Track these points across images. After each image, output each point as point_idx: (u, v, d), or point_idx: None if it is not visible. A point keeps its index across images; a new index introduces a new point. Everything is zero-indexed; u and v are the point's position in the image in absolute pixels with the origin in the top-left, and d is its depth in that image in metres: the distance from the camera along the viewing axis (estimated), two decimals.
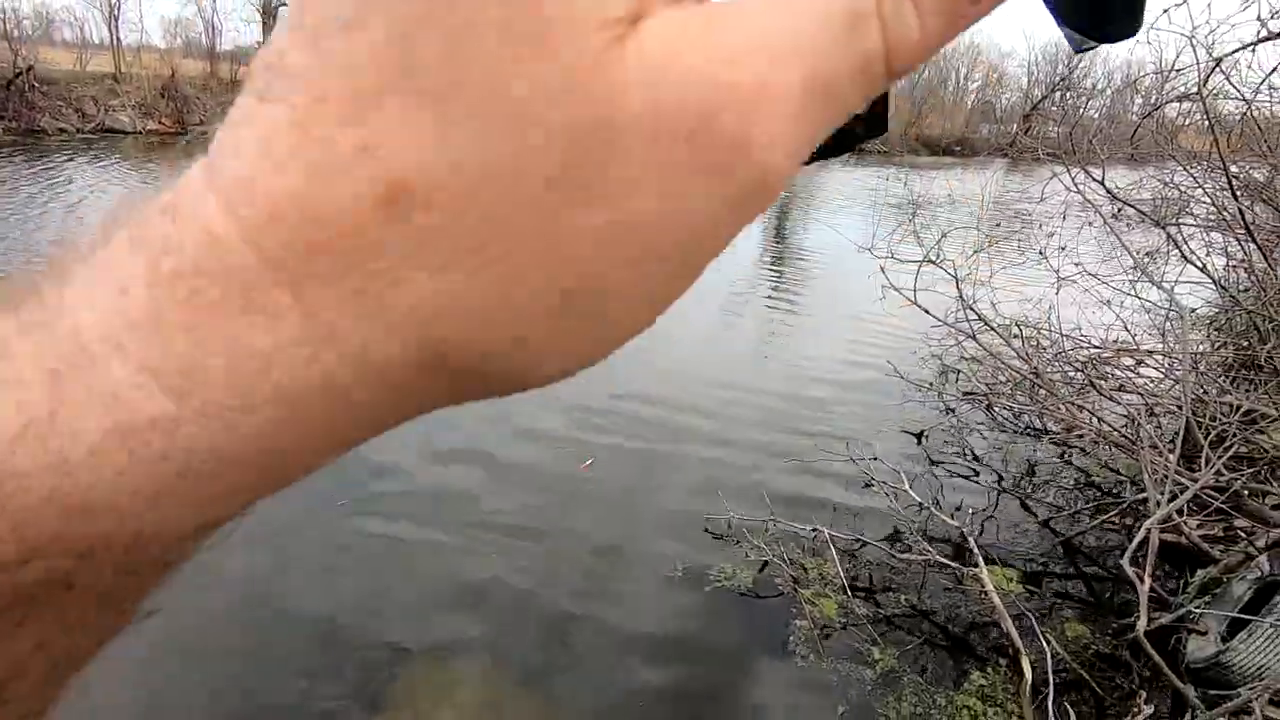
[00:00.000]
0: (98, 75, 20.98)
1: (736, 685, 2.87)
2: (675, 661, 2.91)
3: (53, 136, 18.34)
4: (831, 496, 4.19)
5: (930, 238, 5.01)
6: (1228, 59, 4.20)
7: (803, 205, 18.15)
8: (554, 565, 3.44)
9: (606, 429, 4.89)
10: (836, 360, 6.52)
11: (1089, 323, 5.26)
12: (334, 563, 3.33)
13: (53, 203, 10.71)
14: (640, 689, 2.80)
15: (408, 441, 4.46)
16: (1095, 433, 4.53)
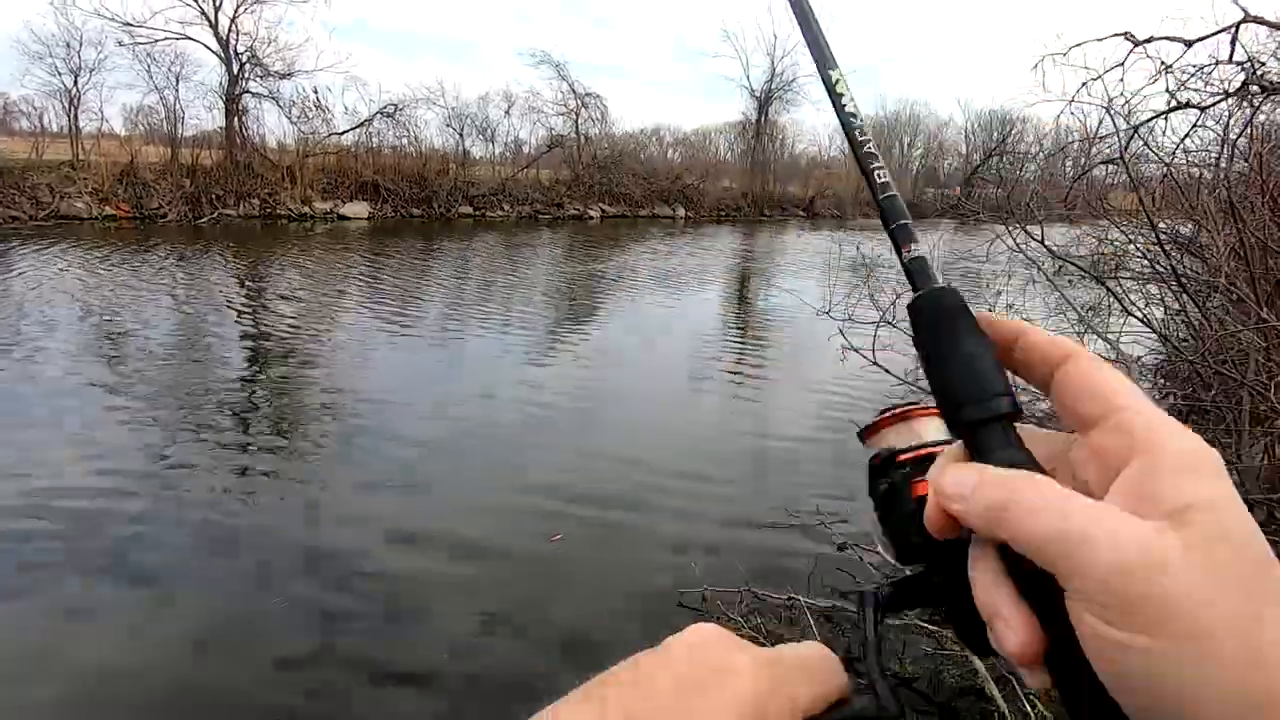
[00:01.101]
0: (54, 163, 20.90)
1: None
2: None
3: (5, 225, 18.06)
4: (806, 562, 4.12)
5: (885, 299, 5.15)
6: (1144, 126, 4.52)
7: (762, 271, 18.66)
8: (522, 647, 3.28)
9: (576, 500, 4.79)
10: (802, 422, 6.56)
11: None
12: (291, 644, 3.13)
13: (2, 285, 10.44)
14: None
15: (369, 518, 4.30)
16: None
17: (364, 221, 24.54)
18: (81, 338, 8.26)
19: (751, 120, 39.72)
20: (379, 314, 10.55)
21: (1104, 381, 0.30)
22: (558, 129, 32.43)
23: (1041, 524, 0.26)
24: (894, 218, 0.39)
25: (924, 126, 48.04)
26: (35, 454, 5.04)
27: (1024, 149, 41.88)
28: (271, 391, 6.85)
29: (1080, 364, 0.31)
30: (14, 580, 3.61)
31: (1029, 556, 0.27)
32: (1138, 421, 0.28)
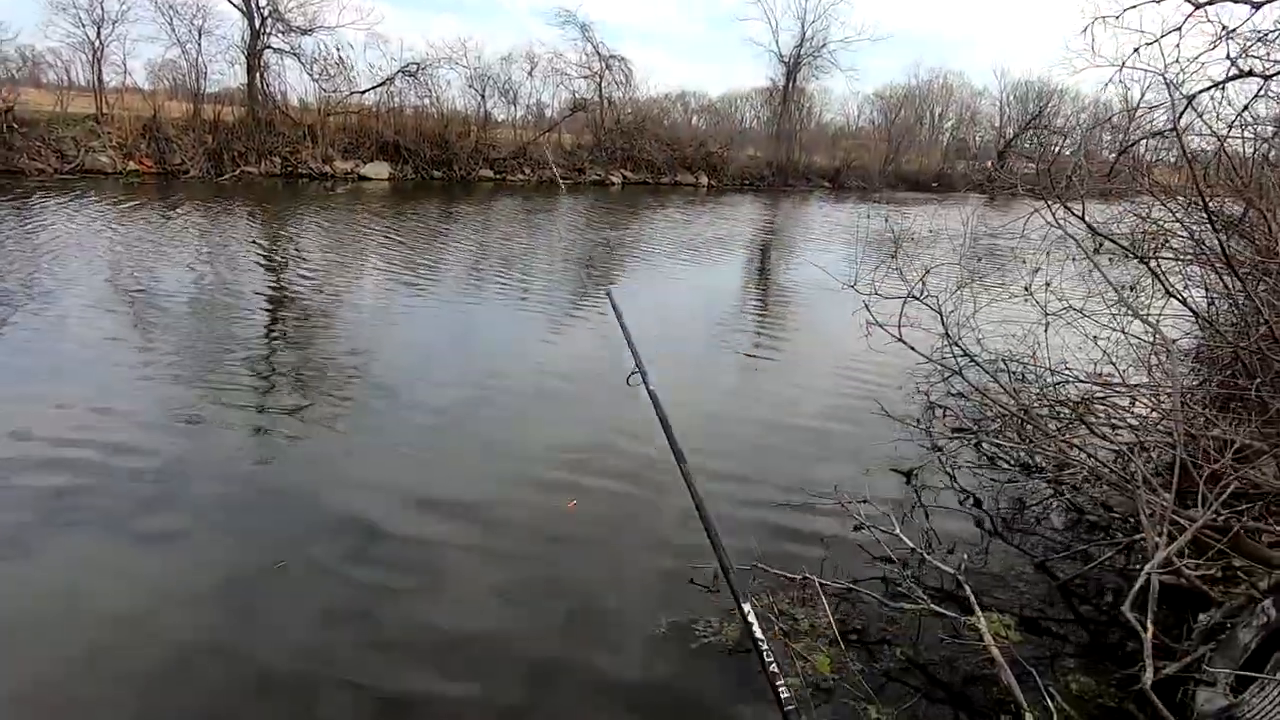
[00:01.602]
0: (79, 116, 20.94)
1: None
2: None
3: (31, 177, 18.18)
4: (821, 541, 4.04)
5: (913, 274, 4.97)
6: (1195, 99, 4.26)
7: (784, 243, 18.32)
8: (531, 620, 3.25)
9: (590, 469, 4.74)
10: (822, 399, 6.43)
11: (1075, 358, 5.22)
12: (303, 613, 3.13)
13: (28, 242, 10.51)
14: None
15: (386, 478, 4.29)
16: (1087, 470, 4.45)
17: (384, 183, 24.42)
18: (106, 292, 8.31)
19: (779, 87, 38.72)
20: (399, 277, 10.50)
21: None
22: (581, 92, 31.86)
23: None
24: None
25: (957, 97, 46.54)
26: (60, 406, 5.08)
27: (1061, 123, 40.57)
28: (292, 351, 6.85)
29: None
30: (38, 531, 3.65)
31: None
32: None
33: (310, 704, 2.73)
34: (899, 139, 42.22)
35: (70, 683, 2.76)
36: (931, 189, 40.07)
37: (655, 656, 3.06)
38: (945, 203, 28.81)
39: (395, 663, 2.95)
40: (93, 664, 2.86)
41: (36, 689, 2.72)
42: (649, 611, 3.29)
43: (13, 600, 3.19)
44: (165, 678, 2.80)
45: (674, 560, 3.71)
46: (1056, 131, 38.05)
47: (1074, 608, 3.64)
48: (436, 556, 3.69)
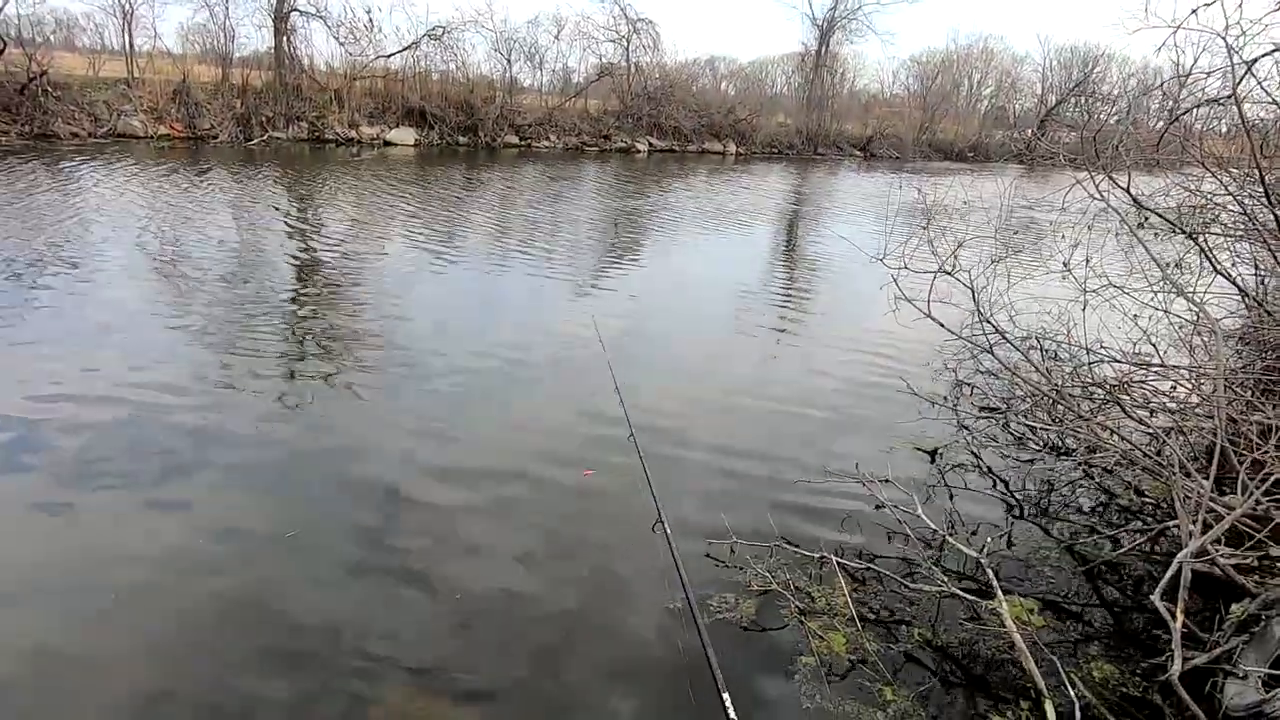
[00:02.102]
0: (111, 80, 21.11)
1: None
2: (673, 699, 2.72)
3: (65, 140, 18.45)
4: (841, 520, 3.99)
5: (945, 247, 4.81)
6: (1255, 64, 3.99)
7: (812, 213, 17.95)
8: (545, 590, 3.26)
9: (609, 438, 4.72)
10: (846, 375, 6.32)
11: (1111, 336, 5.04)
12: (325, 572, 3.18)
13: (61, 205, 10.68)
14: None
15: (407, 441, 4.32)
16: (1120, 453, 4.31)
17: (410, 148, 24.36)
18: (138, 256, 8.43)
19: (811, 50, 37.64)
20: (423, 244, 10.50)
21: None
22: (608, 56, 31.28)
23: None
24: None
25: (997, 63, 44.84)
26: (93, 365, 5.18)
27: (1106, 89, 38.91)
28: (317, 316, 6.90)
29: None
30: (70, 489, 3.74)
31: None
32: None
33: (332, 656, 2.77)
34: (934, 106, 40.91)
35: (98, 634, 2.84)
36: (967, 159, 38.88)
37: (671, 628, 3.05)
38: (981, 173, 27.94)
39: (413, 621, 2.98)
40: (121, 617, 2.93)
41: (65, 641, 2.80)
42: (664, 585, 3.28)
43: (43, 555, 3.28)
44: (191, 632, 2.87)
45: (691, 534, 3.69)
46: (1102, 98, 36.55)
47: (1100, 594, 3.55)
48: (455, 520, 3.71)
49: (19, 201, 10.76)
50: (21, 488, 3.74)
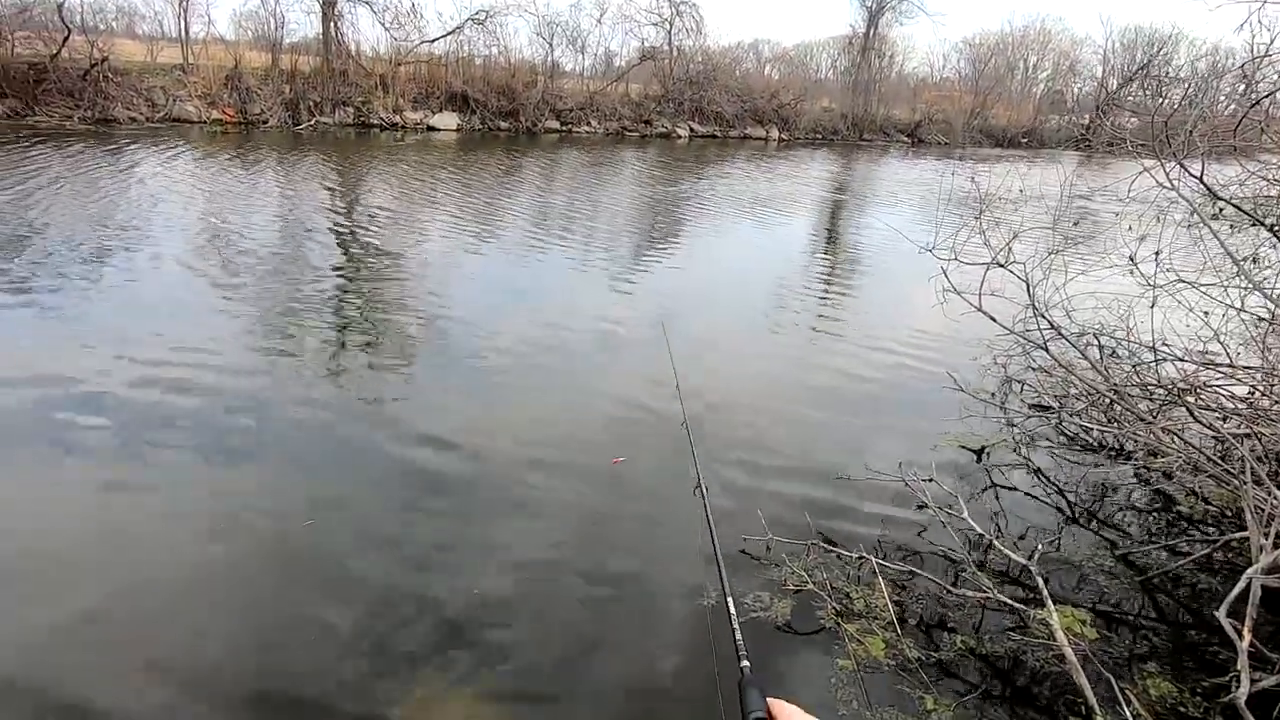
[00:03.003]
0: (167, 66, 21.71)
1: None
2: (703, 698, 2.67)
3: (124, 125, 19.08)
4: (881, 520, 3.87)
5: (997, 238, 4.60)
6: None
7: (857, 201, 17.52)
8: (576, 583, 3.24)
9: (642, 427, 4.67)
10: (889, 368, 6.14)
11: (1176, 335, 4.76)
12: (365, 537, 3.21)
13: (120, 188, 11.05)
14: None
15: (445, 422, 4.33)
16: (1182, 457, 4.08)
17: (452, 133, 24.54)
18: (192, 236, 8.66)
19: (859, 33, 36.64)
20: (465, 228, 10.56)
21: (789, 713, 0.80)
22: (650, 40, 30.96)
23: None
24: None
25: (1055, 45, 42.98)
26: (147, 341, 5.33)
27: (1172, 72, 36.99)
28: (361, 296, 7.00)
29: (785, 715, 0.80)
30: (125, 453, 3.85)
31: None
32: None
33: (378, 613, 2.80)
34: (987, 90, 39.49)
35: (148, 596, 2.91)
36: (1020, 145, 37.49)
37: (698, 624, 2.99)
38: (1035, 160, 26.89)
39: (427, 618, 2.98)
40: (169, 577, 3.00)
41: (118, 602, 2.88)
42: (698, 583, 3.22)
43: (97, 517, 3.38)
44: (238, 590, 2.93)
45: (725, 529, 3.61)
46: (1170, 80, 34.73)
47: (1158, 606, 3.37)
48: (487, 499, 3.71)
49: (82, 184, 11.16)
50: (79, 455, 3.86)
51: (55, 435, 4.06)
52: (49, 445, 3.96)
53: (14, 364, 4.89)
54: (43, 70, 18.57)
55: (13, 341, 5.33)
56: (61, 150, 14.05)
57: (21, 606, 2.88)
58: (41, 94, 18.41)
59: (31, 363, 4.91)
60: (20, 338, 5.42)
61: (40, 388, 4.57)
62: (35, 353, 5.11)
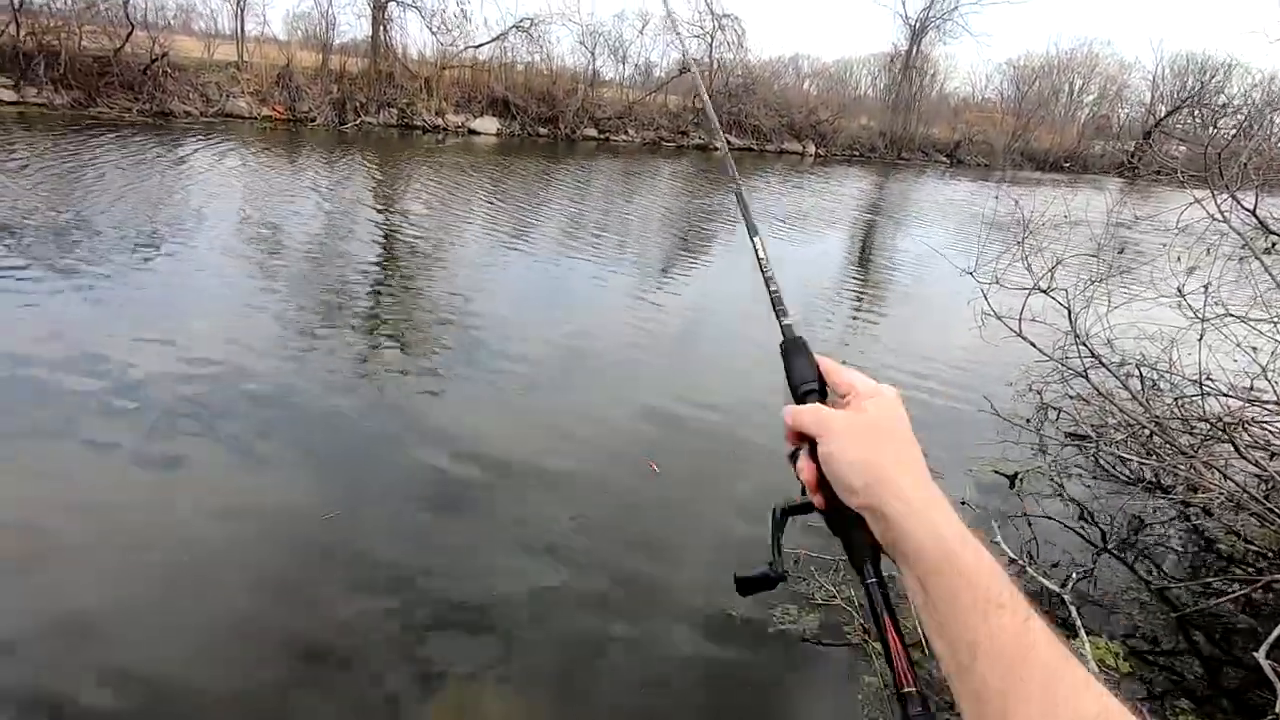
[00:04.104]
0: (222, 63, 22.41)
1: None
2: (729, 708, 2.70)
3: (179, 119, 19.73)
4: None
5: (1041, 263, 4.57)
6: None
7: (894, 220, 17.41)
8: (605, 588, 3.29)
9: (675, 435, 4.72)
10: (923, 389, 6.10)
11: (1221, 370, 4.68)
12: (392, 533, 3.30)
13: (173, 179, 11.45)
14: None
15: (474, 424, 4.43)
16: (1224, 494, 4.01)
17: (492, 138, 24.93)
18: (237, 229, 8.95)
19: (901, 51, 36.45)
20: (500, 231, 10.74)
21: (845, 377, 0.63)
22: (691, 52, 31.11)
23: (808, 417, 0.60)
24: (779, 303, 0.75)
25: (1102, 69, 42.26)
26: (186, 330, 5.54)
27: (1223, 101, 36.15)
28: (396, 295, 7.17)
29: (838, 374, 0.64)
30: (153, 433, 4.01)
31: (806, 431, 0.60)
32: (855, 386, 0.61)
33: (402, 607, 2.88)
34: (1030, 113, 38.95)
35: (173, 573, 3.03)
36: (1062, 169, 36.88)
37: (727, 637, 3.02)
38: (1077, 186, 26.45)
39: (452, 620, 3.05)
40: (194, 558, 3.12)
41: (143, 579, 3.01)
42: (725, 592, 3.25)
43: (127, 498, 3.52)
44: (254, 577, 3.03)
45: (753, 543, 3.64)
46: (1221, 110, 33.93)
47: (1194, 645, 3.31)
48: (509, 501, 3.78)
49: (136, 174, 11.58)
50: (109, 434, 4.01)
51: (88, 415, 4.22)
52: (81, 424, 4.12)
53: (54, 343, 5.09)
54: (106, 63, 19.30)
55: (56, 321, 5.55)
56: (120, 140, 14.59)
57: (39, 582, 3.01)
58: (104, 86, 19.11)
59: (71, 343, 5.11)
60: (63, 318, 5.63)
61: (77, 368, 4.75)
62: (75, 334, 5.32)
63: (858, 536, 0.57)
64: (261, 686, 2.59)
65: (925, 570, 0.52)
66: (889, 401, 0.60)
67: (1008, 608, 0.48)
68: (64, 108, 18.16)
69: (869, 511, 0.56)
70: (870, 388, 0.61)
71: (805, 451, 0.60)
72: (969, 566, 0.50)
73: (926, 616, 0.53)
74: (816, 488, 0.59)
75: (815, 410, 0.61)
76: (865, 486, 0.55)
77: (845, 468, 0.56)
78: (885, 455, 0.56)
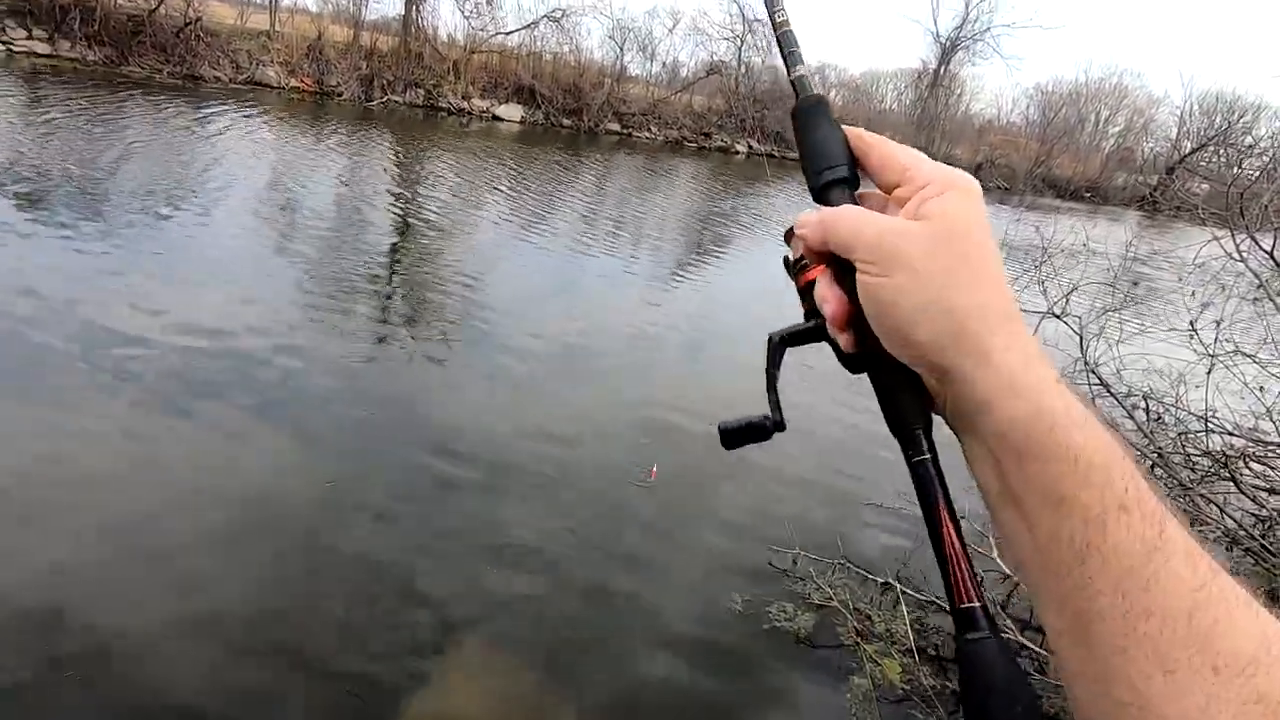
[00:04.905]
0: (254, 31, 22.53)
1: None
2: (721, 702, 2.77)
3: (209, 84, 19.86)
4: (909, 548, 3.92)
5: (1056, 289, 4.62)
6: None
7: None
8: (606, 586, 3.36)
9: (676, 435, 4.78)
10: None
11: (1228, 408, 4.72)
12: (386, 500, 3.39)
13: (197, 145, 11.56)
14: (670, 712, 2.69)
15: (477, 411, 4.51)
16: (1221, 530, 4.06)
17: (516, 125, 25.00)
18: (255, 200, 9.05)
19: (929, 68, 36.39)
20: (516, 221, 10.82)
21: (895, 155, 0.43)
22: (720, 54, 31.15)
23: (845, 228, 0.41)
24: (790, 44, 0.49)
25: (1130, 100, 42.10)
26: (199, 298, 5.63)
27: (1250, 141, 35.99)
28: (408, 274, 7.25)
29: (884, 148, 0.44)
30: (167, 402, 4.09)
31: (840, 252, 0.42)
32: (913, 172, 0.42)
33: (387, 587, 2.96)
34: (1054, 139, 38.84)
35: (170, 532, 3.12)
36: (1083, 198, 36.77)
37: (723, 630, 3.10)
38: (1097, 215, 26.40)
39: (451, 620, 3.13)
40: (191, 520, 3.21)
41: (138, 535, 3.09)
42: (722, 587, 3.32)
43: (129, 460, 3.61)
44: (245, 548, 3.12)
45: (753, 541, 3.72)
46: (1248, 151, 33.76)
47: None
48: (507, 488, 3.86)
49: (162, 137, 11.69)
50: (115, 396, 4.10)
51: (95, 375, 4.29)
52: (87, 384, 4.19)
53: (69, 302, 5.16)
54: (140, 23, 19.44)
55: (72, 279, 5.63)
56: (150, 101, 14.71)
57: (39, 537, 3.08)
58: (136, 45, 19.25)
59: (84, 303, 5.19)
60: (80, 277, 5.71)
61: (87, 329, 4.82)
62: (90, 293, 5.40)
63: (908, 400, 0.42)
64: (244, 667, 2.65)
65: (1012, 451, 0.37)
66: (969, 202, 0.40)
67: (1134, 510, 0.34)
68: (96, 64, 18.30)
69: (935, 372, 0.40)
70: (943, 176, 0.41)
71: (829, 274, 0.43)
72: (1080, 450, 0.35)
73: (1008, 516, 0.39)
74: (845, 325, 0.42)
75: (858, 217, 0.41)
76: (934, 341, 0.38)
77: (908, 314, 0.39)
78: (970, 296, 0.38)
